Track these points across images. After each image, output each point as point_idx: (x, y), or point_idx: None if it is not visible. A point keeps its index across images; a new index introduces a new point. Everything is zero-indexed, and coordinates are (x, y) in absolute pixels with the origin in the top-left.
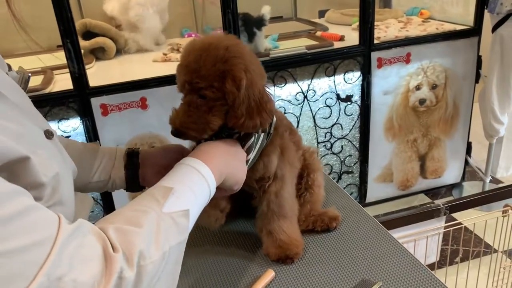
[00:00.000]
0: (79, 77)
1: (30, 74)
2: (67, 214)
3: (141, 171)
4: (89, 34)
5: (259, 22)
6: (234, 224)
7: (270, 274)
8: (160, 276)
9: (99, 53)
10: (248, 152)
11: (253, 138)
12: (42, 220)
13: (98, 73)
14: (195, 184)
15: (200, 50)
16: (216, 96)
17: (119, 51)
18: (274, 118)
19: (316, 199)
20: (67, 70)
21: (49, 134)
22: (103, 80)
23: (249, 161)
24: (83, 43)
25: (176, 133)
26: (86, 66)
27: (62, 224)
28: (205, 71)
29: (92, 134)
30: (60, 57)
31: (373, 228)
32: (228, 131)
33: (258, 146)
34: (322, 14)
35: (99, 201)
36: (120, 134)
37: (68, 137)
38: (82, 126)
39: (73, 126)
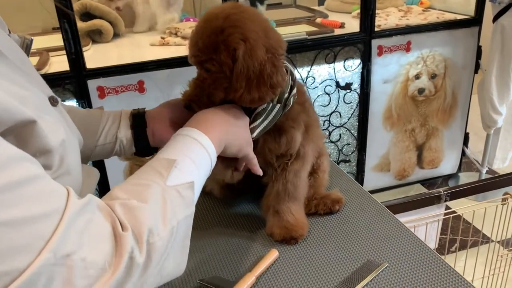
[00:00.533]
0: (75, 58)
1: (32, 38)
2: (74, 186)
3: (149, 129)
4: (88, 15)
5: None
6: (237, 205)
7: (274, 254)
8: (169, 252)
9: (95, 36)
10: (255, 119)
11: (262, 106)
12: (50, 191)
13: (94, 56)
14: (196, 155)
15: (203, 21)
16: (217, 69)
17: (117, 35)
18: (294, 90)
19: (320, 184)
20: (63, 52)
21: (53, 101)
22: (100, 63)
23: (258, 130)
24: (80, 24)
25: (187, 105)
26: (83, 49)
27: (71, 197)
28: (204, 44)
29: None
30: (56, 40)
31: (377, 210)
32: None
33: (271, 116)
34: (321, 1)
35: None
36: None
37: None
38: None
39: None
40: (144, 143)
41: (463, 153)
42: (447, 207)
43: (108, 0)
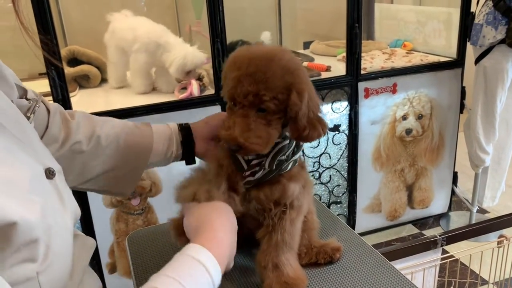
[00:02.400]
0: (62, 105)
1: (39, 106)
2: (63, 269)
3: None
4: (75, 61)
5: None
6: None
7: None
8: None
9: (83, 81)
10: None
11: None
12: None
13: (81, 101)
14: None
15: (265, 59)
16: (277, 109)
17: (104, 80)
18: (297, 156)
19: (311, 226)
20: (50, 98)
21: (50, 174)
22: (87, 108)
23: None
24: (68, 69)
25: (235, 148)
26: (70, 94)
27: None
28: (273, 83)
29: None
30: (42, 86)
31: (376, 260)
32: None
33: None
34: (307, 45)
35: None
36: None
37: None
38: None
39: None
40: (189, 156)
41: (453, 192)
42: (444, 251)
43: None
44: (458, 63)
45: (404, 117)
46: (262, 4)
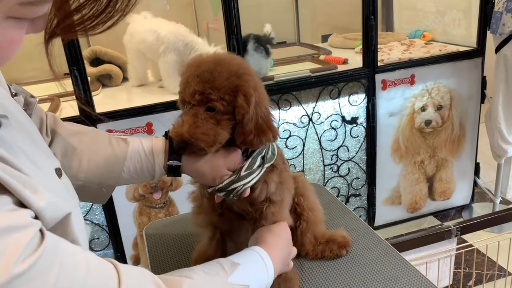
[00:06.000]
0: (84, 102)
1: (37, 99)
2: None
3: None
4: (98, 61)
5: (269, 40)
6: None
7: None
8: None
9: (105, 80)
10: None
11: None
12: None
13: (104, 100)
14: (259, 275)
15: (212, 62)
16: (226, 110)
17: (126, 79)
18: (275, 145)
19: (314, 221)
20: (73, 97)
21: (59, 173)
22: (110, 107)
23: (246, 176)
24: (90, 69)
25: (182, 145)
26: (93, 93)
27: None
28: (219, 83)
29: None
30: (67, 86)
31: (384, 250)
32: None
33: (262, 170)
34: (325, 38)
35: (104, 227)
36: None
37: None
38: None
39: None
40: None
41: (475, 184)
42: (462, 240)
43: None
44: (478, 52)
45: (423, 108)
46: (280, 4)
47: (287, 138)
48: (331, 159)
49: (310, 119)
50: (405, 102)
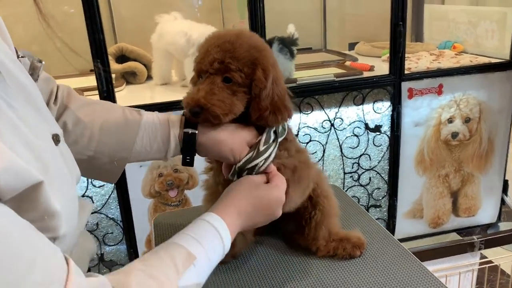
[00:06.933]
0: (107, 97)
1: (43, 62)
2: (70, 231)
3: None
4: (123, 58)
5: (293, 42)
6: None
7: None
8: None
9: (130, 77)
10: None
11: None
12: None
13: (127, 96)
14: (214, 252)
15: (234, 35)
16: (243, 82)
17: (150, 77)
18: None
19: (329, 213)
20: (96, 92)
21: (56, 140)
22: (132, 102)
23: (264, 151)
24: (115, 66)
25: (196, 110)
26: (117, 89)
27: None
28: (239, 53)
29: None
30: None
31: (401, 255)
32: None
33: (276, 145)
34: (352, 46)
35: (118, 222)
36: None
37: None
38: None
39: None
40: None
41: (503, 202)
42: (484, 257)
43: None
44: (511, 64)
45: (450, 120)
46: (307, 7)
47: (307, 143)
48: (352, 167)
49: (332, 125)
50: (432, 112)
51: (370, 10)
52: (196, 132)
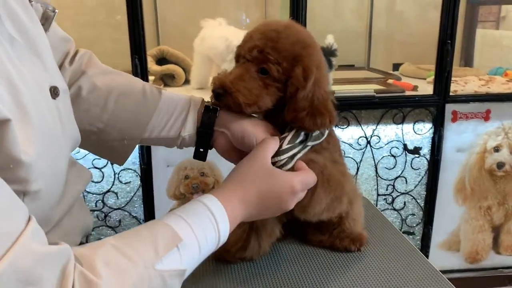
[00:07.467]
0: None
1: (56, 11)
2: (50, 193)
3: (214, 140)
4: (164, 61)
5: (331, 52)
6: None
7: None
8: None
9: (168, 80)
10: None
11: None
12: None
13: None
14: (205, 239)
15: (283, 25)
16: (278, 77)
17: (188, 81)
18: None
19: (356, 215)
20: None
21: (54, 92)
22: None
23: (287, 151)
24: (155, 67)
25: (220, 92)
26: None
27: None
28: (282, 45)
29: (145, 151)
30: None
31: (429, 274)
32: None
33: (305, 148)
34: (396, 67)
35: (141, 221)
36: (171, 154)
37: None
38: None
39: None
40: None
41: None
42: None
43: None
44: None
45: (497, 149)
46: (352, 25)
47: None
48: (386, 189)
49: (368, 142)
50: (477, 138)
51: (418, 31)
52: (218, 108)
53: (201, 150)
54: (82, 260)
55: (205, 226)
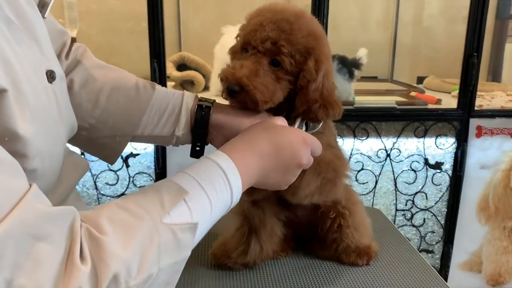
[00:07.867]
0: None
1: (53, 1)
2: (45, 180)
3: (210, 136)
4: (184, 67)
5: (356, 64)
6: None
7: None
8: None
9: (187, 86)
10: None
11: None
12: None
13: None
14: (215, 192)
15: (293, 14)
16: (291, 70)
17: (207, 88)
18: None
19: (352, 225)
20: None
21: (50, 76)
22: None
23: None
24: (175, 73)
25: (235, 89)
26: None
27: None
28: (296, 38)
29: (160, 155)
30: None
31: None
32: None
33: None
34: (420, 80)
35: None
36: (186, 159)
37: (137, 155)
38: (152, 146)
39: (144, 145)
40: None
41: None
42: None
43: None
44: None
45: None
46: (377, 37)
47: (358, 171)
48: (406, 204)
49: (388, 155)
50: (502, 155)
51: (444, 45)
52: (211, 106)
53: (197, 149)
54: (86, 220)
55: (213, 179)
